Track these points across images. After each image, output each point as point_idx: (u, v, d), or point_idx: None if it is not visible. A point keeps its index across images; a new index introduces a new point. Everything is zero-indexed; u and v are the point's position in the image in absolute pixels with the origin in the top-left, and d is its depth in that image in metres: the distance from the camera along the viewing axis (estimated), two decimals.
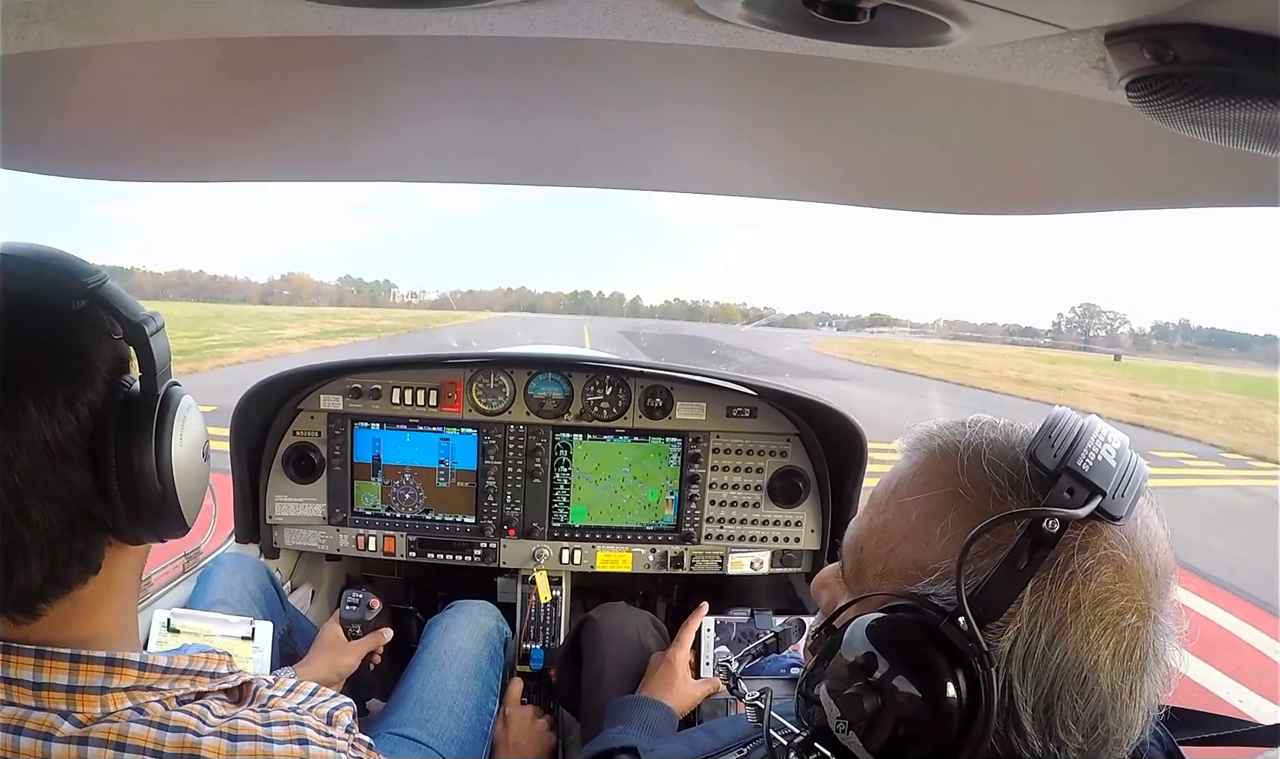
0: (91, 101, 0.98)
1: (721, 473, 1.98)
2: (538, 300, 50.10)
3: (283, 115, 1.09)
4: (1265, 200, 1.01)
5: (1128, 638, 0.55)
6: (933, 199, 1.38)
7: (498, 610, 1.83)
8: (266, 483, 1.93)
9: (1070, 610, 0.54)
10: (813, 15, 0.56)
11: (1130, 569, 0.56)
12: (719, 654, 1.74)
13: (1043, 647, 0.54)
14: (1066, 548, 0.55)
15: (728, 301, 49.68)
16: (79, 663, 0.61)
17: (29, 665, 0.60)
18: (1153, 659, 0.56)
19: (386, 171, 1.47)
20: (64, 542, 0.59)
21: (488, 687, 1.63)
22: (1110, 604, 0.55)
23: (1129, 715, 0.56)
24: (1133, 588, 0.56)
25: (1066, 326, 43.77)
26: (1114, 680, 0.55)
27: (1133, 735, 0.57)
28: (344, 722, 0.73)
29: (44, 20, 0.68)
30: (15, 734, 0.59)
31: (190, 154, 1.28)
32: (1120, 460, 0.57)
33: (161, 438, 0.62)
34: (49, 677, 0.60)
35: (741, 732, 0.86)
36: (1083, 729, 0.56)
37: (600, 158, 1.28)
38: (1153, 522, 0.60)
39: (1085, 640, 0.54)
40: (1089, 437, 0.57)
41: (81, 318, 0.61)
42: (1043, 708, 0.55)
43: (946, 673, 0.54)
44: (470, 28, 0.69)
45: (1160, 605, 0.57)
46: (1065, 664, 0.54)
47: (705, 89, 0.91)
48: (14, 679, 0.59)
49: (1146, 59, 0.56)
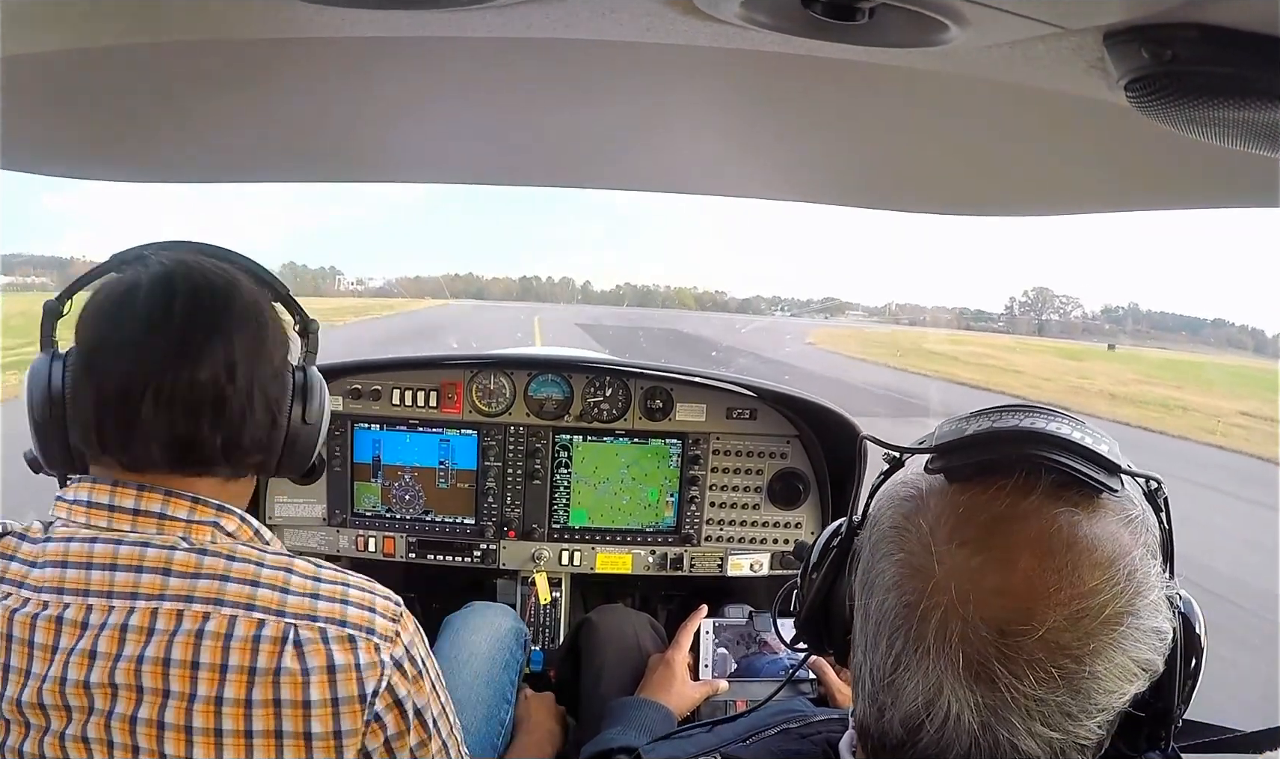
0: (91, 101, 0.98)
1: (721, 474, 1.98)
2: (486, 286, 47.40)
3: (282, 115, 1.09)
4: (1265, 200, 1.01)
5: (903, 572, 0.57)
6: (931, 199, 1.38)
7: (514, 611, 1.80)
8: (266, 483, 1.93)
9: (878, 521, 0.62)
10: (811, 15, 0.56)
11: (923, 515, 0.58)
12: (718, 655, 1.74)
13: (866, 549, 0.62)
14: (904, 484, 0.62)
15: (680, 286, 47.88)
16: (197, 504, 0.82)
17: (159, 500, 0.80)
18: (911, 628, 0.55)
19: (386, 171, 1.47)
20: (257, 448, 0.85)
21: (500, 694, 1.58)
22: (902, 532, 0.58)
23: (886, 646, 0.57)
24: (921, 529, 0.57)
25: (1020, 310, 42.93)
26: (881, 612, 0.57)
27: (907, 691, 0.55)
28: None
29: (44, 20, 0.68)
30: (143, 547, 0.78)
31: (190, 154, 1.28)
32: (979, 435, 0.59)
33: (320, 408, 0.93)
34: (173, 511, 0.81)
35: (741, 730, 0.86)
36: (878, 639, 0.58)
37: (600, 158, 1.28)
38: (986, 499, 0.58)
39: (875, 551, 0.61)
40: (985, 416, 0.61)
41: (296, 312, 0.97)
42: (862, 606, 0.61)
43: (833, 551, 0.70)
44: (470, 28, 0.69)
45: (942, 559, 0.55)
46: (865, 568, 0.62)
47: (704, 90, 0.91)
48: (143, 511, 0.80)
49: (1145, 59, 0.56)
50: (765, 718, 0.86)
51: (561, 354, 2.23)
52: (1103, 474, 0.55)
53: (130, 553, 0.77)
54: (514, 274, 60.58)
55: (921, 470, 0.61)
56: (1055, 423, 0.57)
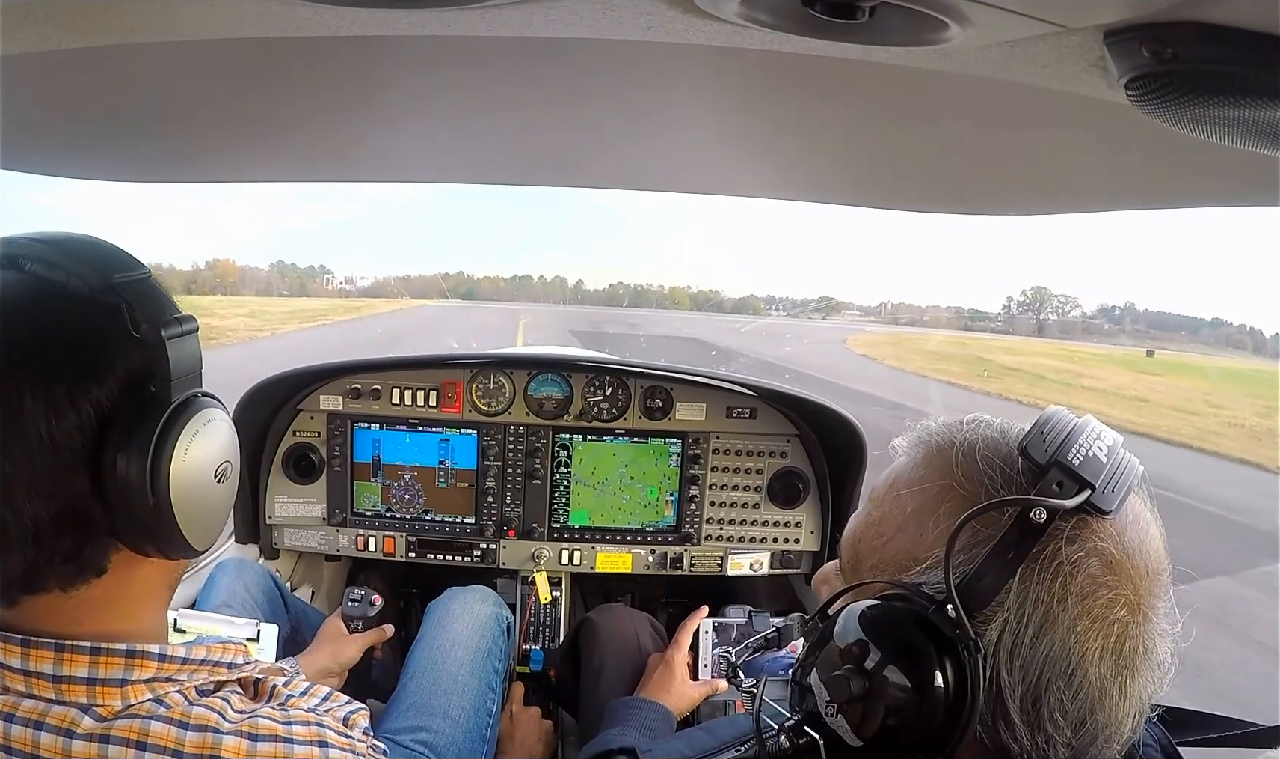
0: (91, 101, 0.98)
1: (721, 474, 1.98)
2: (476, 285, 45.52)
3: (283, 115, 1.09)
4: (1265, 200, 1.01)
5: (1116, 632, 0.55)
6: (931, 198, 1.38)
7: (495, 594, 1.79)
8: (266, 483, 1.93)
9: (1058, 601, 0.55)
10: (811, 14, 0.56)
11: (1119, 564, 0.56)
12: (718, 655, 1.74)
13: (1030, 636, 0.55)
14: (1055, 539, 0.55)
15: (675, 285, 45.95)
16: (99, 655, 0.59)
17: (49, 658, 0.58)
18: (1143, 656, 0.56)
19: (386, 171, 1.47)
20: (51, 538, 0.56)
21: (486, 684, 1.59)
22: (1098, 597, 0.55)
23: (1119, 712, 0.56)
24: (1121, 582, 0.56)
25: (1018, 309, 41.94)
26: (1103, 675, 0.55)
27: (1123, 733, 0.57)
28: (360, 725, 0.73)
29: (44, 20, 0.68)
30: (36, 729, 0.58)
31: (190, 154, 1.28)
32: (1111, 457, 0.57)
33: (161, 450, 0.58)
34: (69, 669, 0.58)
35: (740, 731, 0.86)
36: (1071, 723, 0.55)
37: (599, 158, 1.28)
38: (1145, 519, 0.60)
39: (1073, 632, 0.54)
40: (1081, 433, 0.58)
41: (103, 312, 0.58)
42: (1030, 699, 0.55)
43: (933, 660, 0.54)
44: (469, 28, 0.69)
45: (1151, 603, 0.57)
46: (1053, 655, 0.54)
47: (704, 89, 0.91)
48: (34, 672, 0.58)
49: (1145, 57, 0.56)
50: (765, 720, 0.86)
51: (561, 353, 2.23)
52: None
53: None
54: (505, 273, 59.66)
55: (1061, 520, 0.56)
56: None
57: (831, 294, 45.12)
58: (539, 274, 62.79)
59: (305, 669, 1.48)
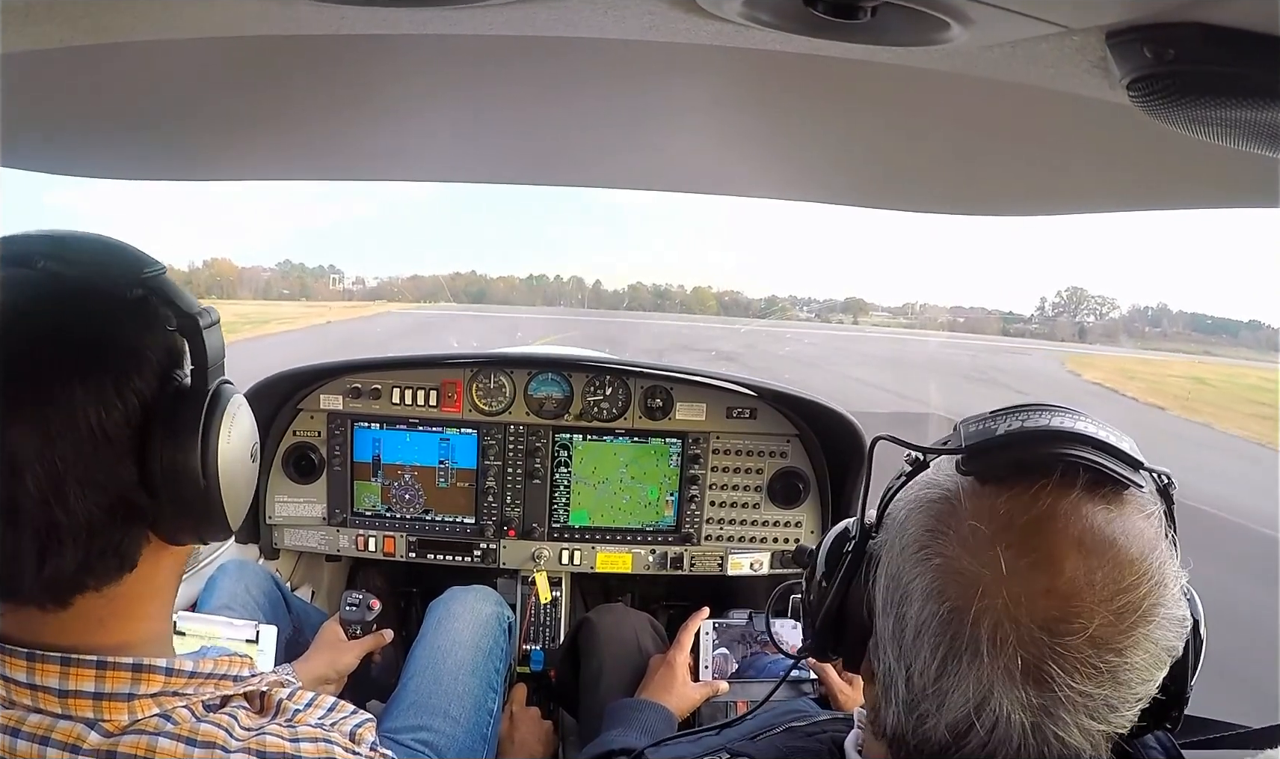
0: (91, 101, 0.98)
1: (721, 474, 1.98)
2: (490, 286, 42.94)
3: (283, 115, 1.09)
4: (1265, 200, 1.01)
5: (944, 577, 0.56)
6: (933, 199, 1.38)
7: (497, 594, 1.79)
8: (266, 483, 1.93)
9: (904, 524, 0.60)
10: (813, 14, 0.56)
11: (959, 518, 0.56)
12: (719, 656, 1.74)
13: (892, 554, 0.61)
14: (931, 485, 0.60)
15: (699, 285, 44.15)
16: (105, 669, 0.59)
17: (55, 673, 0.59)
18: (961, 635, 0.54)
19: (387, 170, 1.47)
20: (102, 531, 0.58)
21: (487, 684, 1.58)
22: (937, 536, 0.57)
23: (926, 663, 0.56)
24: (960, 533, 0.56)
25: (1053, 311, 40.48)
26: (921, 619, 0.56)
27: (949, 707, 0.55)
28: (368, 739, 0.72)
29: (44, 20, 0.68)
30: (42, 744, 0.58)
31: (190, 154, 1.28)
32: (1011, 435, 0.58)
33: (208, 434, 0.61)
34: (75, 684, 0.59)
35: (745, 731, 0.86)
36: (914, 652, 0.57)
37: (601, 156, 1.28)
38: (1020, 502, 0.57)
39: (904, 556, 0.59)
40: (1011, 416, 0.60)
41: (135, 307, 0.61)
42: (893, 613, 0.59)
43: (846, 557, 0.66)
44: (470, 27, 0.69)
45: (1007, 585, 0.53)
46: (892, 573, 0.60)
47: (706, 88, 0.91)
48: (40, 686, 0.59)
49: (1147, 58, 0.56)
50: (770, 718, 0.86)
51: (561, 353, 2.23)
52: (1129, 471, 0.56)
53: None
54: (520, 273, 58.32)
55: (946, 472, 0.60)
56: (1083, 422, 0.58)
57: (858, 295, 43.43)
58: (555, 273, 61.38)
59: (302, 676, 1.47)
